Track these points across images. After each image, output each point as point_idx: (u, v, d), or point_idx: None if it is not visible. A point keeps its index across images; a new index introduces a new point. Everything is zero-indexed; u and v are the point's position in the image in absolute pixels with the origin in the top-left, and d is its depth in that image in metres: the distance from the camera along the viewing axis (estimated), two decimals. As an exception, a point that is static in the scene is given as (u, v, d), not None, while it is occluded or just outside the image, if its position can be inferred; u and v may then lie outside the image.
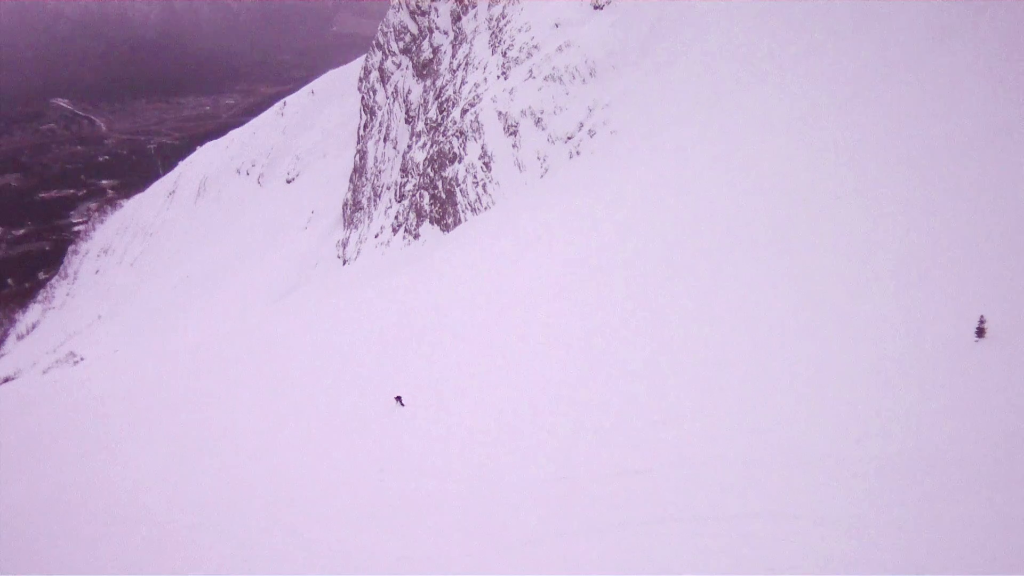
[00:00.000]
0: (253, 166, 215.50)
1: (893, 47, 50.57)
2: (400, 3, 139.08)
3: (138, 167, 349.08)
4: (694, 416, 23.59)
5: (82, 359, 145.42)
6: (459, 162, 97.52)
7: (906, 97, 42.97)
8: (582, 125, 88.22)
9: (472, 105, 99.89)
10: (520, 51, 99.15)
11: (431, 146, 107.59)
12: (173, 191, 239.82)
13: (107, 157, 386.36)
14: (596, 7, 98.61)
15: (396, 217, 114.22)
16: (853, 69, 51.75)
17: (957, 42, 44.74)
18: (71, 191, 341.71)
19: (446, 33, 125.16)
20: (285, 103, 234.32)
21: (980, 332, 20.89)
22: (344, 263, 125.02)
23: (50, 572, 27.51)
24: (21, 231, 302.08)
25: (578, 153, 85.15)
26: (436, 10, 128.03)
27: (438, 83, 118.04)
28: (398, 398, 36.17)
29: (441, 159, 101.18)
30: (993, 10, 44.15)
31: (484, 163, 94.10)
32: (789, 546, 14.78)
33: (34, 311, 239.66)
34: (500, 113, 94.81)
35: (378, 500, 25.72)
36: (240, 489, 31.42)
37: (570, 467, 22.99)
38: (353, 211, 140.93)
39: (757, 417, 21.94)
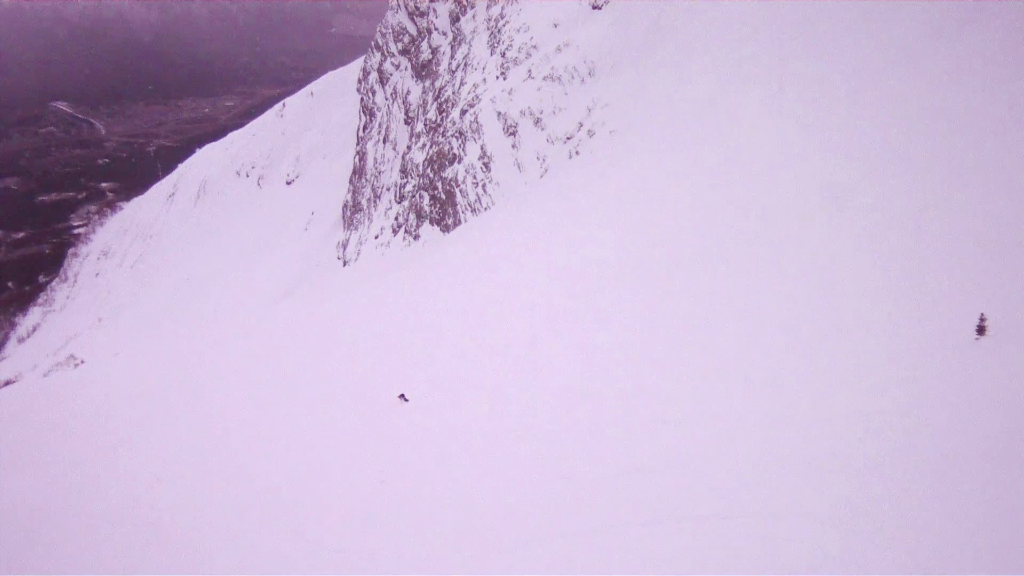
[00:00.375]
0: (253, 168, 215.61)
1: (892, 45, 50.61)
2: (399, 4, 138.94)
3: (138, 170, 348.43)
4: (694, 416, 23.69)
5: (83, 362, 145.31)
6: (459, 163, 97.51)
7: (906, 94, 43.05)
8: (581, 125, 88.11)
9: (471, 106, 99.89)
10: (519, 51, 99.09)
11: (430, 147, 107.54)
12: (173, 193, 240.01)
13: (106, 160, 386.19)
14: (595, 7, 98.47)
15: (396, 218, 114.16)
16: (853, 67, 51.78)
17: (956, 40, 44.80)
18: (71, 194, 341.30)
19: (445, 34, 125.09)
20: (284, 105, 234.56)
21: (981, 330, 20.94)
22: (344, 264, 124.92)
23: (53, 573, 27.59)
24: (21, 234, 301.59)
25: (577, 153, 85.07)
26: (435, 11, 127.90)
27: (437, 84, 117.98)
28: (402, 396, 36.33)
29: (441, 160, 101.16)
30: (993, 8, 44.20)
31: (484, 163, 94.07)
32: (791, 545, 14.82)
33: (34, 314, 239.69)
34: (499, 113, 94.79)
35: (379, 500, 25.77)
36: (242, 491, 31.46)
37: (570, 467, 23.03)
38: (353, 212, 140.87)
39: (757, 416, 22.02)
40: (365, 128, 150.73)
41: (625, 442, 23.53)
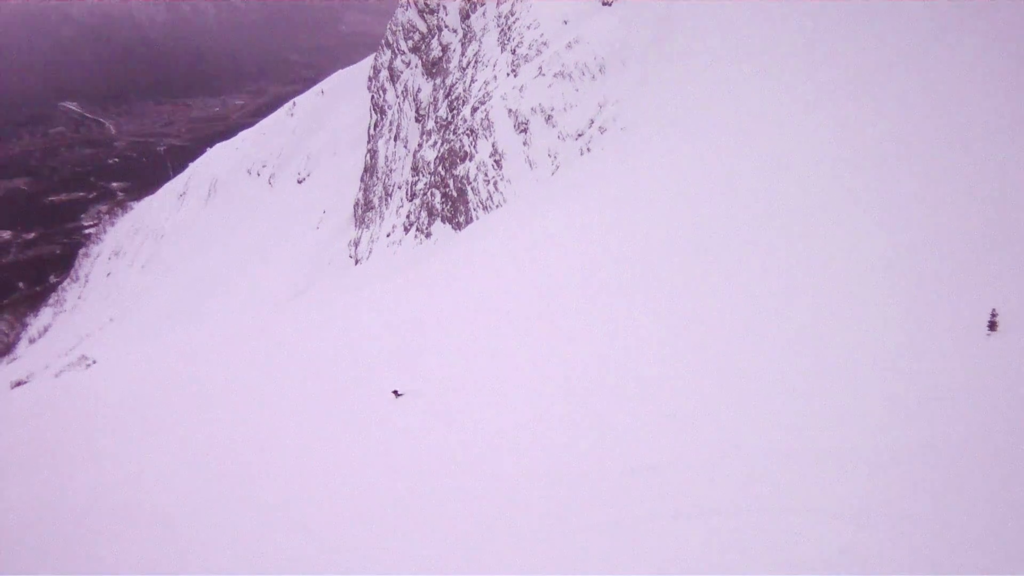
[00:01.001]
0: (264, 167, 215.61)
1: (896, 43, 50.75)
2: (408, 1, 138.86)
3: (148, 169, 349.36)
4: (705, 412, 23.61)
5: (94, 362, 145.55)
6: (470, 160, 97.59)
7: (912, 93, 43.21)
8: (592, 122, 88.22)
9: (482, 103, 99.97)
10: (529, 48, 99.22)
11: (442, 144, 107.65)
12: (184, 193, 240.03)
13: (116, 160, 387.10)
14: (604, 3, 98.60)
15: (408, 216, 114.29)
16: (857, 64, 51.94)
17: (958, 39, 44.99)
18: (81, 194, 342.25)
19: (455, 31, 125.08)
20: (295, 103, 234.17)
21: (992, 325, 20.94)
22: (356, 262, 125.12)
23: (64, 572, 27.79)
24: (31, 235, 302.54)
25: (589, 150, 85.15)
26: (444, 8, 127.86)
27: (448, 81, 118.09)
28: (395, 392, 36.52)
29: (452, 157, 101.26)
30: (994, 7, 44.39)
31: (495, 161, 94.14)
32: (805, 541, 14.77)
33: (45, 314, 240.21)
34: (510, 110, 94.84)
35: (389, 498, 25.85)
36: (251, 489, 31.61)
37: (581, 464, 23.03)
38: (364, 210, 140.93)
39: (766, 411, 21.99)
40: (376, 126, 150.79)
41: (634, 438, 23.50)
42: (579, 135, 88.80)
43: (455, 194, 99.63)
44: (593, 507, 19.83)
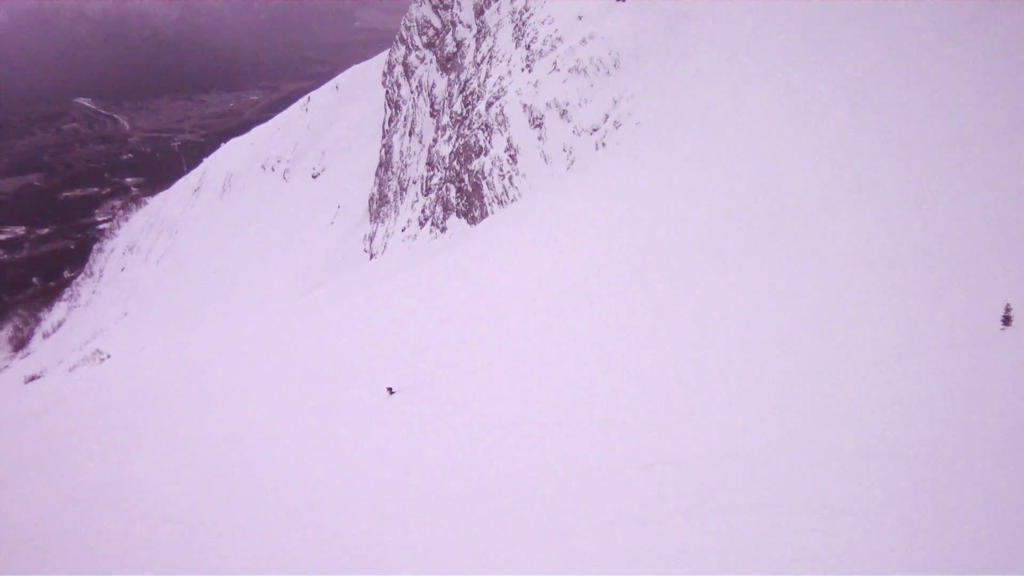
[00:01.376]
0: (278, 162, 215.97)
1: (897, 45, 50.76)
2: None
3: (162, 165, 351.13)
4: (705, 411, 23.64)
5: (108, 357, 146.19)
6: (485, 155, 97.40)
7: (911, 94, 43.55)
8: (607, 117, 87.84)
9: (497, 98, 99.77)
10: (544, 44, 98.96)
11: (456, 139, 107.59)
12: (198, 188, 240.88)
13: (130, 155, 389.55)
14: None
15: (422, 211, 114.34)
16: (860, 66, 51.96)
17: (958, 41, 45.15)
18: (95, 189, 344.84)
19: (469, 27, 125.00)
20: (309, 99, 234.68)
21: (1007, 320, 20.70)
22: (371, 257, 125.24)
23: (75, 571, 27.66)
24: (45, 230, 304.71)
25: (604, 145, 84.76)
26: (459, 4, 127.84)
27: (462, 76, 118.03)
28: (389, 389, 36.43)
29: (467, 152, 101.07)
30: (996, 9, 44.39)
31: (510, 156, 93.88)
32: (817, 537, 14.56)
33: (60, 309, 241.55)
34: (525, 106, 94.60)
35: (398, 496, 25.77)
36: (252, 488, 31.64)
37: (583, 463, 23.06)
38: (379, 205, 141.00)
39: (769, 411, 21.87)
40: (391, 121, 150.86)
41: (636, 437, 23.67)
42: (594, 130, 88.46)
43: (470, 188, 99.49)
44: (595, 506, 19.76)
